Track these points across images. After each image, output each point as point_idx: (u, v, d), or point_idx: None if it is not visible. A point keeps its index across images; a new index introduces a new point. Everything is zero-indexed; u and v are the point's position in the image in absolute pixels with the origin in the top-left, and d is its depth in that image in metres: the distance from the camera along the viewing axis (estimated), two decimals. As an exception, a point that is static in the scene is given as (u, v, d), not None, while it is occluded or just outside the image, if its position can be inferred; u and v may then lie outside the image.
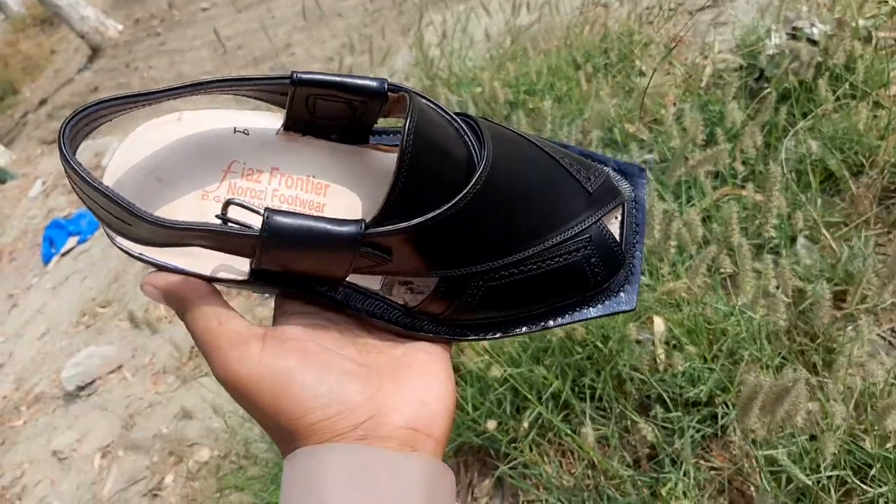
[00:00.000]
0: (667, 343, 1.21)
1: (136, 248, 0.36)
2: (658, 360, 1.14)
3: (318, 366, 0.35)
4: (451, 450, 1.37)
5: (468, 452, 1.37)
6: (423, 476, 0.33)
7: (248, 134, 0.39)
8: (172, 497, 1.77)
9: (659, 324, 1.22)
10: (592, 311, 0.41)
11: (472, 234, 0.36)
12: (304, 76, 0.35)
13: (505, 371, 1.17)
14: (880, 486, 0.90)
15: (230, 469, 1.68)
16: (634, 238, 0.42)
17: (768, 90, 1.52)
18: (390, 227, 0.34)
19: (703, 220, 1.39)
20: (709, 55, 1.90)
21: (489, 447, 1.29)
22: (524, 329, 0.40)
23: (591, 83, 1.87)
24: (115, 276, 3.02)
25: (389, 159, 0.41)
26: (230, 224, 0.33)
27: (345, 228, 0.33)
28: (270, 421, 0.34)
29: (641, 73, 1.96)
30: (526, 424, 1.21)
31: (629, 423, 1.18)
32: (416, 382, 0.36)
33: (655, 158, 1.63)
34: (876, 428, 0.85)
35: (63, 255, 3.46)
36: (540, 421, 1.23)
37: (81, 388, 2.35)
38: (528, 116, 1.93)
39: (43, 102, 6.23)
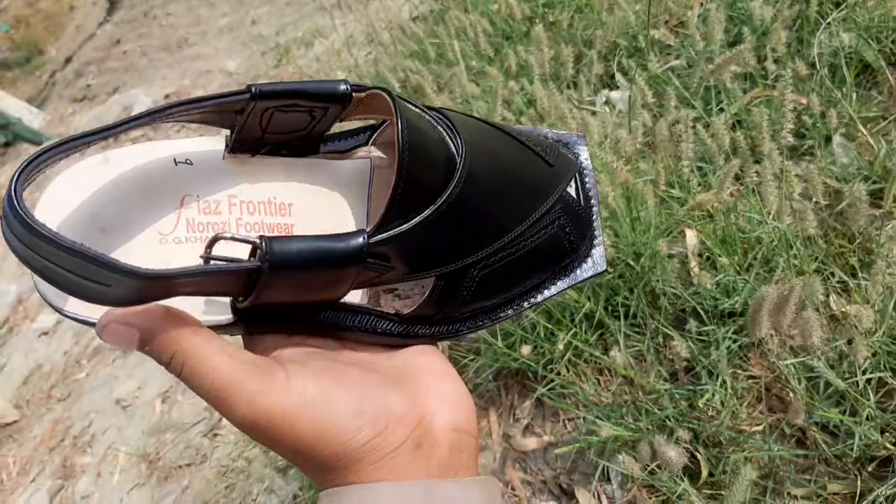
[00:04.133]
0: (699, 255, 1.19)
1: (90, 312, 0.31)
2: (692, 274, 1.13)
3: (353, 383, 0.32)
4: (491, 374, 1.39)
5: (507, 376, 1.39)
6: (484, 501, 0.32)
7: (191, 164, 0.36)
8: (231, 435, 1.85)
9: (691, 237, 1.20)
10: (568, 282, 0.41)
11: (466, 225, 0.35)
12: (264, 89, 0.33)
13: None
14: (921, 386, 0.89)
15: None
16: (590, 202, 0.42)
17: (799, -20, 1.44)
18: (393, 232, 0.32)
19: (734, 125, 1.34)
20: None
21: (527, 370, 1.31)
22: (511, 313, 0.40)
23: (612, -11, 1.78)
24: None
25: (345, 167, 0.40)
26: (226, 262, 0.31)
27: (350, 242, 0.31)
28: (312, 453, 0.30)
29: (665, -26, 1.86)
30: (561, 346, 1.22)
31: (663, 338, 1.17)
32: (436, 384, 0.34)
33: (683, 64, 1.57)
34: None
35: (105, 211, 3.54)
36: (575, 342, 1.23)
37: (137, 338, 2.44)
38: (549, 31, 1.87)
39: (69, 60, 6.25)
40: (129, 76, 5.14)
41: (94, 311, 0.30)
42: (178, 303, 0.31)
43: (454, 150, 0.36)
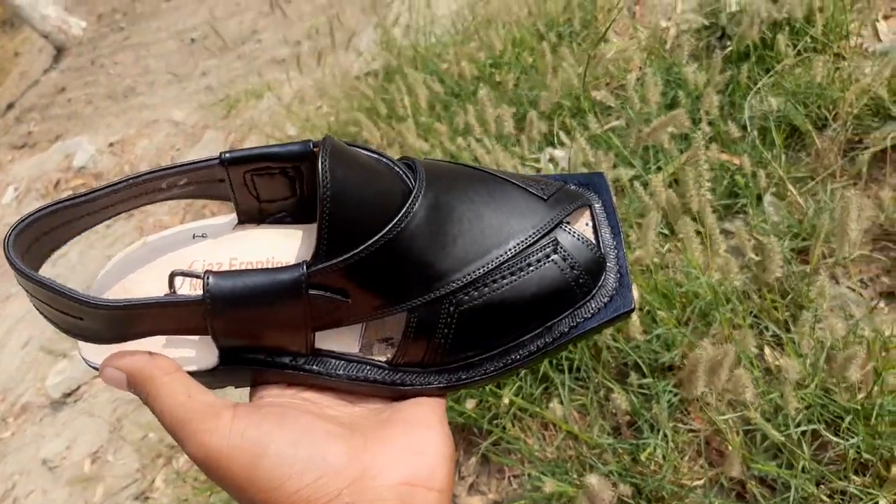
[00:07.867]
0: (640, 309, 1.21)
1: (98, 358, 0.36)
2: (633, 328, 1.14)
3: (295, 429, 0.32)
4: (436, 430, 1.37)
5: (453, 432, 1.37)
6: None
7: (206, 237, 0.41)
8: (164, 498, 1.77)
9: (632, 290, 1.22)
10: (590, 323, 0.38)
11: (423, 256, 0.35)
12: (231, 155, 0.37)
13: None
14: (851, 438, 0.91)
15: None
16: (613, 241, 0.40)
17: (730, 48, 1.52)
18: (334, 261, 0.33)
19: (671, 183, 1.39)
20: (672, 16, 1.88)
21: (472, 425, 1.30)
22: (520, 357, 0.38)
23: (557, 53, 1.85)
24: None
25: None
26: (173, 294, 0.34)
27: (286, 274, 0.33)
28: (248, 495, 0.30)
29: (605, 40, 1.94)
30: (506, 400, 1.22)
31: (606, 391, 1.18)
32: (405, 435, 0.34)
33: (622, 125, 1.62)
34: (843, 381, 0.86)
35: (41, 261, 3.42)
36: (520, 395, 1.23)
37: (67, 395, 2.33)
38: (495, 90, 1.92)
39: (10, 107, 6.12)
40: (72, 124, 5.05)
41: (101, 358, 0.36)
42: (182, 356, 0.36)
43: (409, 185, 0.37)
